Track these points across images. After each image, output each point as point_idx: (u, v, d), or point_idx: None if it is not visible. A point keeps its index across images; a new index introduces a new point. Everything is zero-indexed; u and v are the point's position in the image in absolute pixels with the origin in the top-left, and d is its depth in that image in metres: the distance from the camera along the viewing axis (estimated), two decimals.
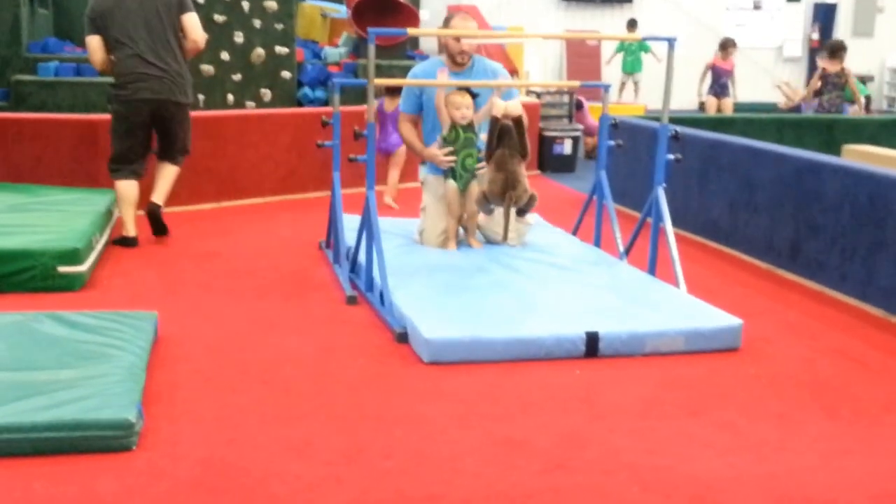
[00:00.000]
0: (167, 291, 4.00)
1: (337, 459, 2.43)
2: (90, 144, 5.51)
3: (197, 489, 2.26)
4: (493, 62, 4.68)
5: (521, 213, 4.10)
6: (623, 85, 12.61)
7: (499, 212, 4.26)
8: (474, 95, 4.25)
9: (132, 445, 2.44)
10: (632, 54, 12.50)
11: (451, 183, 4.31)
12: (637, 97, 12.53)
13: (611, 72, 13.10)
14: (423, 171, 4.64)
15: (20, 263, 3.83)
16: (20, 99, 8.09)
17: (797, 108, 10.01)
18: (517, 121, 3.98)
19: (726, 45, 10.53)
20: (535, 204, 4.06)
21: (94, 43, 4.79)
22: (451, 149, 4.28)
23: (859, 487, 2.37)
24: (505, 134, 3.94)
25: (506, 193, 3.93)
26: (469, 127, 4.28)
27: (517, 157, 3.95)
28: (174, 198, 5.83)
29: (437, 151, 4.34)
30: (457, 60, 4.40)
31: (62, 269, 3.87)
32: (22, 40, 8.74)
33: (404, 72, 8.80)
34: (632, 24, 12.60)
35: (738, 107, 10.97)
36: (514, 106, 3.98)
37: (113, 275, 4.23)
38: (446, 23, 4.57)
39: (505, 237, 4.09)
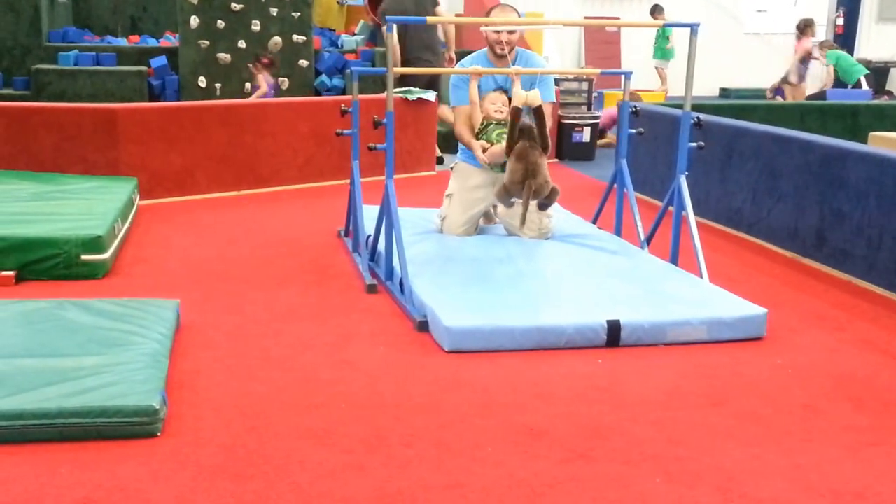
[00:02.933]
0: (188, 279, 4.02)
1: (357, 447, 2.44)
2: (110, 133, 5.54)
3: (220, 475, 2.27)
4: (537, 56, 4.66)
5: (543, 206, 4.04)
6: (659, 72, 12.46)
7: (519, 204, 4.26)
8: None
9: (156, 432, 2.46)
10: (657, 41, 12.32)
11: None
12: (664, 84, 12.37)
13: (628, 59, 12.99)
14: (456, 158, 4.63)
15: (44, 251, 3.86)
16: (40, 88, 8.16)
17: (822, 95, 9.90)
18: (537, 112, 3.94)
19: (809, 26, 10.43)
20: (557, 197, 4.00)
21: None
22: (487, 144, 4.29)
23: (886, 479, 2.34)
24: (525, 126, 3.89)
25: (525, 182, 3.90)
26: (503, 122, 4.27)
27: (538, 149, 3.91)
28: (194, 186, 5.88)
29: (478, 146, 4.30)
30: (496, 52, 4.36)
31: (85, 256, 3.90)
32: (42, 30, 8.79)
33: (418, 59, 8.78)
34: (656, 10, 12.33)
35: (757, 93, 10.88)
36: (534, 96, 3.94)
37: (135, 262, 4.26)
38: (486, 16, 4.54)
39: (521, 225, 4.05)
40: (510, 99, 4.22)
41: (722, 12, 14.82)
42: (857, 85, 10.27)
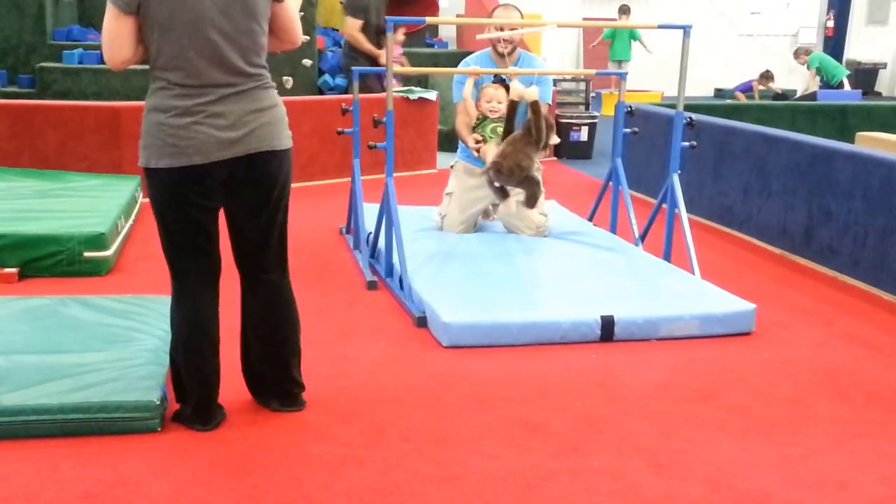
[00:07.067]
0: None
1: (356, 441, 2.49)
2: (113, 131, 5.58)
3: (220, 470, 2.31)
4: (538, 59, 4.74)
5: (530, 199, 3.96)
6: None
7: (521, 209, 4.30)
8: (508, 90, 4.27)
9: (157, 427, 2.49)
10: (621, 41, 12.01)
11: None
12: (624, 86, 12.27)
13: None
14: (456, 157, 4.68)
15: (47, 248, 3.90)
16: (45, 86, 8.17)
17: (813, 96, 9.96)
18: (533, 107, 3.96)
19: None
20: (538, 189, 3.94)
21: None
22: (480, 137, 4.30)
23: (870, 470, 2.40)
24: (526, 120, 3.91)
25: (517, 166, 3.75)
26: (498, 119, 4.30)
27: (532, 143, 3.91)
28: None
29: (472, 138, 4.34)
30: (498, 51, 4.42)
31: (88, 253, 3.94)
32: (46, 28, 8.81)
33: (423, 58, 8.84)
34: (624, 11, 12.19)
35: (750, 94, 10.98)
36: (531, 92, 3.97)
37: (137, 259, 4.30)
38: (491, 15, 4.61)
39: (503, 199, 3.96)
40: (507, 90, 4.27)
41: (716, 14, 14.87)
42: (840, 85, 10.36)
